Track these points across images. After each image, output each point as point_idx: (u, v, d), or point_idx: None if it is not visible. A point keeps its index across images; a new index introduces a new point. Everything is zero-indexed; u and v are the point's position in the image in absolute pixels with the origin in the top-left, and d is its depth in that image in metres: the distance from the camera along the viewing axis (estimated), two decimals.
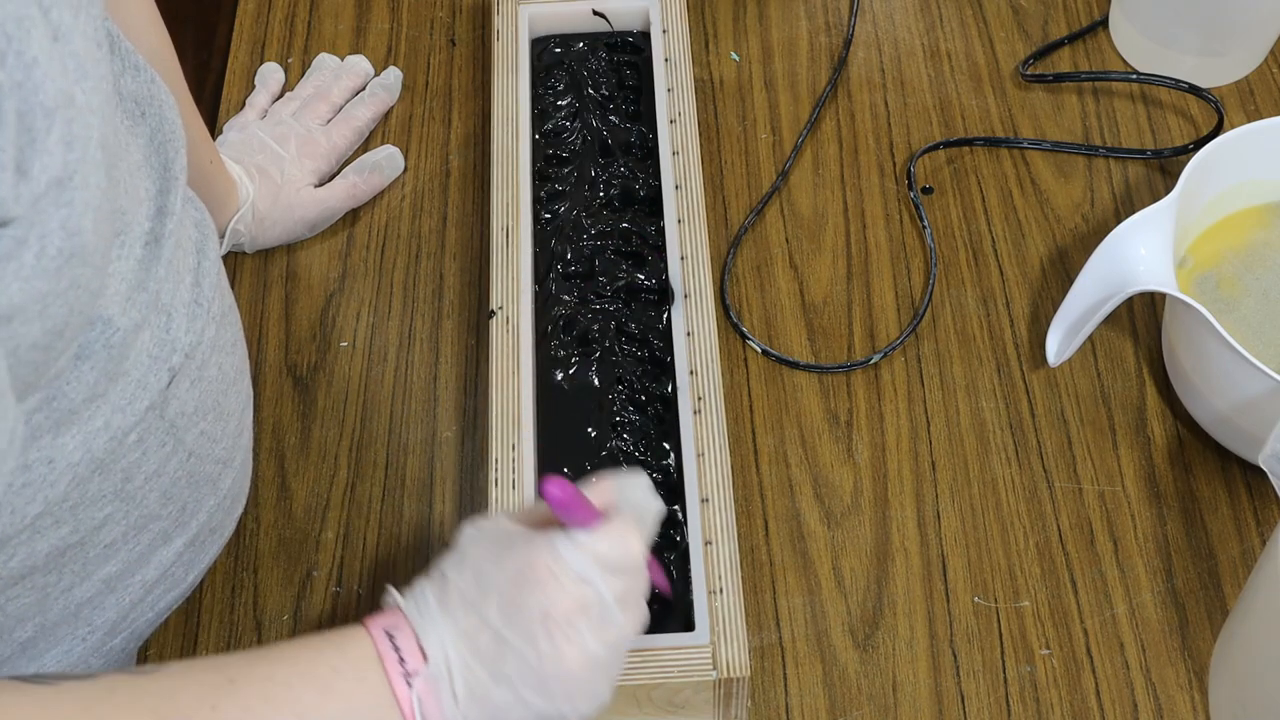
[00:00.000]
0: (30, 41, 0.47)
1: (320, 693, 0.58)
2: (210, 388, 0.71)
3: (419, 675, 0.58)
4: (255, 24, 1.11)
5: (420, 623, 0.60)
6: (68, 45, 0.50)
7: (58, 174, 0.50)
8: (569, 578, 0.60)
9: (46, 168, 0.49)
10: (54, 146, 0.49)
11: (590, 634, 0.60)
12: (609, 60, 1.01)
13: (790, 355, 0.94)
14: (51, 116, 0.49)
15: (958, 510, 0.88)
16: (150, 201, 0.65)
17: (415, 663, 0.59)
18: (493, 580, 0.60)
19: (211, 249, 0.72)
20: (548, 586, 0.59)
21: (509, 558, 0.60)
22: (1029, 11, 1.11)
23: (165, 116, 0.68)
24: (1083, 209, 1.00)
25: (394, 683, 0.58)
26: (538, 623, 0.59)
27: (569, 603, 0.60)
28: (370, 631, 0.60)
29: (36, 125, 0.48)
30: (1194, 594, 0.84)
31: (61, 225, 0.51)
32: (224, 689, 0.56)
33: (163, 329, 0.66)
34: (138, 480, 0.67)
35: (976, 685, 0.82)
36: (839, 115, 1.05)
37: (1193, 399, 0.89)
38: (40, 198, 0.49)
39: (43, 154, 0.48)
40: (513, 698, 0.59)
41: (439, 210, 1.01)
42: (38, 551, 0.64)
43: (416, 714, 0.58)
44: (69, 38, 0.51)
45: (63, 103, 0.49)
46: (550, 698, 0.60)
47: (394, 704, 0.58)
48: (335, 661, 0.58)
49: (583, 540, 0.60)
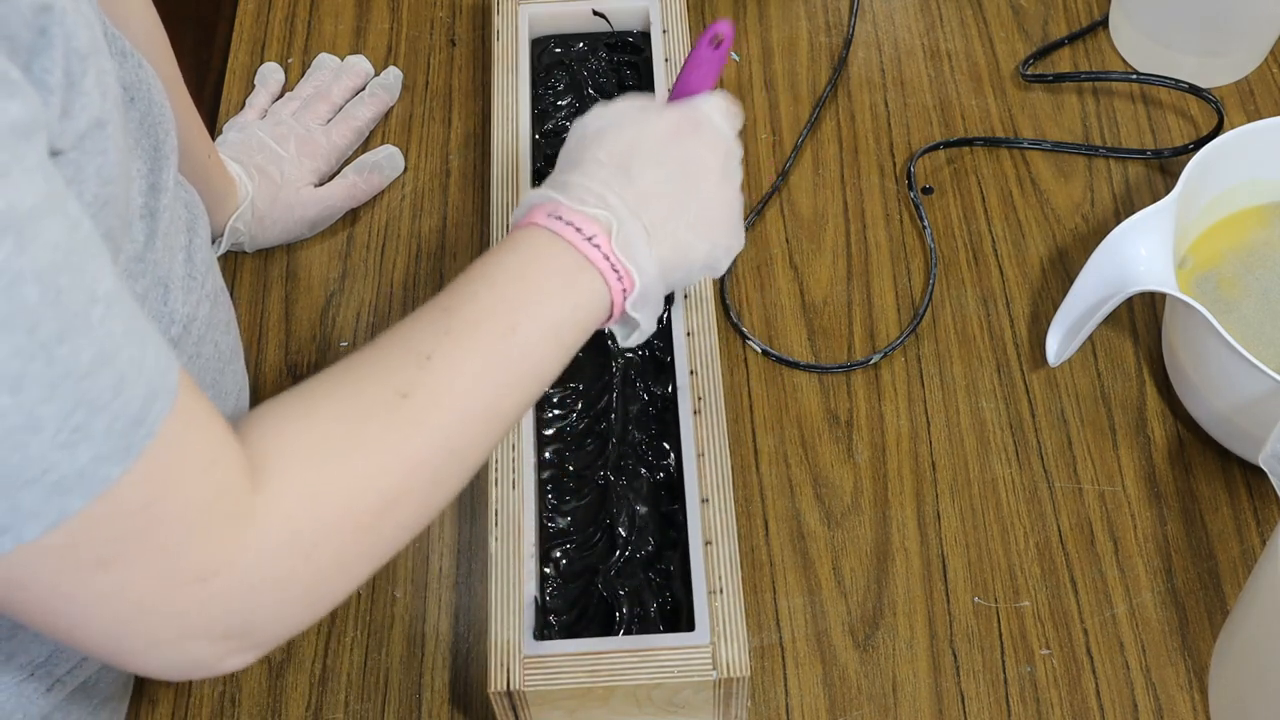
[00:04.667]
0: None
1: (522, 282, 0.63)
2: (208, 365, 0.71)
3: (603, 238, 0.64)
4: (255, 24, 1.11)
5: (587, 196, 0.65)
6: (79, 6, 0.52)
7: (96, 115, 0.52)
8: (716, 131, 0.69)
9: (85, 109, 0.51)
10: (90, 89, 0.52)
11: (734, 179, 0.70)
12: (609, 60, 1.01)
13: (790, 355, 0.94)
14: (85, 61, 0.51)
15: (958, 510, 0.88)
16: (143, 179, 0.66)
17: (592, 228, 0.64)
18: (648, 143, 0.67)
19: (202, 228, 0.73)
20: (703, 139, 0.69)
21: (659, 121, 0.68)
22: (1029, 11, 1.11)
23: (154, 100, 0.69)
24: (1083, 209, 1.00)
25: (583, 249, 0.64)
26: (703, 170, 0.68)
27: (721, 152, 0.69)
28: (536, 223, 0.65)
29: (74, 67, 0.50)
30: (1194, 594, 0.84)
31: (97, 172, 0.53)
32: (444, 317, 0.61)
33: (160, 301, 0.67)
34: None
35: (976, 685, 0.82)
36: (839, 115, 1.05)
37: (1193, 399, 0.89)
38: (83, 137, 0.52)
39: (81, 95, 0.51)
40: (694, 237, 0.68)
41: (439, 210, 1.01)
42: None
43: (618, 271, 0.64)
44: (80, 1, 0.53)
45: (91, 50, 0.52)
46: (718, 235, 0.69)
47: (589, 267, 0.64)
48: (522, 258, 0.64)
49: (717, 100, 0.70)
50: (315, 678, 0.83)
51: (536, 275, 0.63)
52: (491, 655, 0.74)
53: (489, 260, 0.64)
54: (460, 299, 0.62)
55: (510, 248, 0.64)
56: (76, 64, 0.50)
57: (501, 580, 0.76)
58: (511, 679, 0.73)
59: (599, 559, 0.80)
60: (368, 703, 0.82)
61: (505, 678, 0.73)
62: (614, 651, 0.74)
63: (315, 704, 0.82)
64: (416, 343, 0.60)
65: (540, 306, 0.63)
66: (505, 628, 0.75)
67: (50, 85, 0.49)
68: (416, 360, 0.59)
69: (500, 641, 0.74)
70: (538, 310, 0.62)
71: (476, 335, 0.60)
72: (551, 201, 0.65)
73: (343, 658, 0.84)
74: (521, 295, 0.62)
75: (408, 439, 0.57)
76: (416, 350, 0.59)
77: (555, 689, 0.73)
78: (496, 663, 0.74)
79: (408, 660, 0.83)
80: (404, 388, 0.58)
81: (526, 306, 0.62)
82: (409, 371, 0.58)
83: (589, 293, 0.64)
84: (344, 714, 0.82)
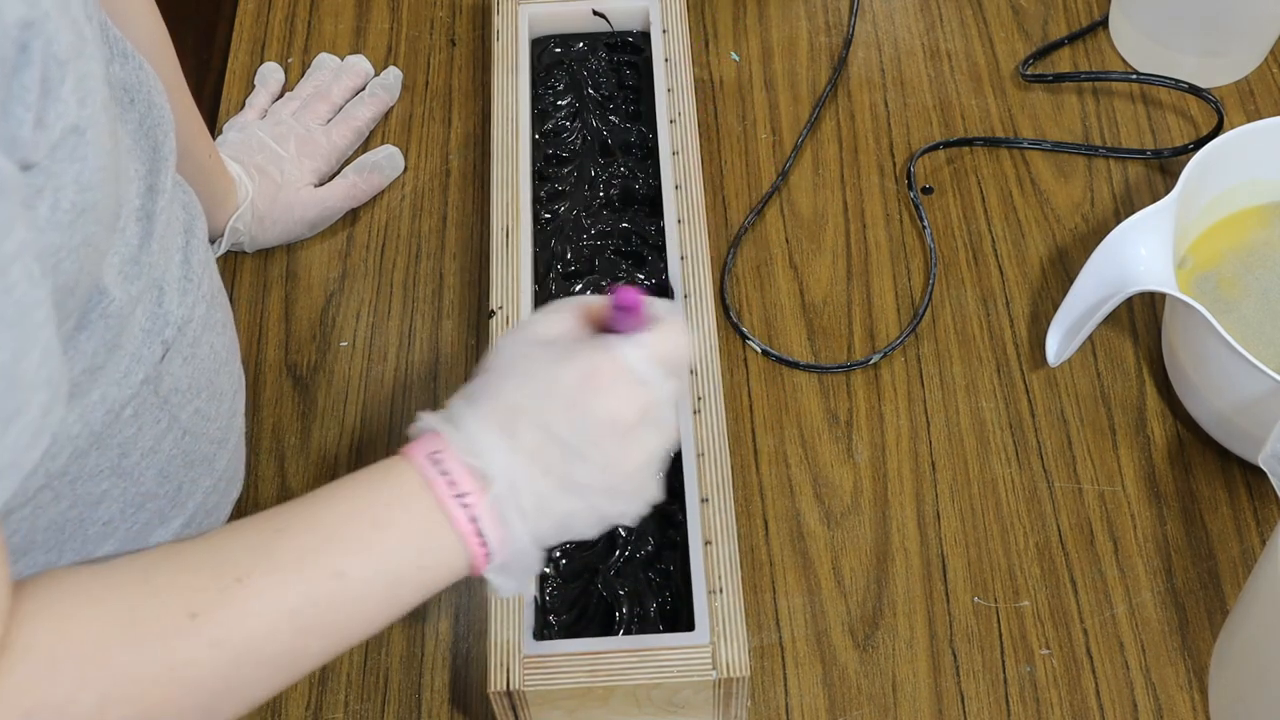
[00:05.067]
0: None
1: (371, 526, 0.57)
2: (203, 365, 0.71)
3: (474, 495, 0.57)
4: (255, 24, 1.11)
5: (472, 447, 0.58)
6: (68, 10, 0.52)
7: (72, 124, 0.51)
8: (635, 382, 0.60)
9: (61, 116, 0.50)
10: (67, 96, 0.50)
11: (653, 436, 0.61)
12: (609, 60, 1.01)
13: (790, 355, 0.94)
14: (64, 68, 0.50)
15: (958, 510, 0.88)
16: (140, 180, 0.66)
17: (467, 484, 0.57)
18: (556, 391, 0.59)
19: (199, 230, 0.73)
20: (616, 392, 0.59)
21: (570, 366, 0.59)
22: (1029, 11, 1.11)
23: (154, 102, 0.69)
24: (1083, 209, 1.00)
25: (448, 508, 0.57)
26: (608, 429, 0.59)
27: (636, 407, 0.60)
28: (411, 460, 0.58)
29: (51, 74, 0.49)
30: (1194, 594, 0.84)
31: (75, 179, 0.52)
32: (275, 539, 0.56)
33: (155, 302, 0.67)
34: (134, 456, 0.67)
35: (976, 685, 0.82)
36: (839, 115, 1.05)
37: (1193, 399, 0.89)
38: (56, 147, 0.50)
39: (57, 103, 0.50)
40: (581, 505, 0.60)
41: (439, 210, 1.01)
42: (38, 527, 0.64)
43: (483, 536, 0.57)
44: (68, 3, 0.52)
45: (73, 56, 0.51)
46: (616, 500, 0.61)
47: (449, 528, 0.57)
48: (381, 496, 0.58)
49: (645, 342, 0.60)
50: (315, 678, 0.83)
51: (387, 519, 0.57)
52: (491, 655, 0.74)
53: (344, 485, 0.58)
54: (297, 523, 0.56)
55: (373, 479, 0.58)
56: (55, 71, 0.49)
57: None
58: (511, 679, 0.73)
59: (599, 559, 0.80)
60: (368, 703, 0.82)
61: (505, 678, 0.73)
62: (614, 651, 0.74)
63: (315, 704, 0.82)
64: (234, 560, 0.55)
65: (382, 555, 0.57)
66: (505, 628, 0.75)
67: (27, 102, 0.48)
68: (222, 582, 0.54)
69: (500, 641, 0.74)
70: (378, 558, 0.56)
71: (298, 568, 0.55)
72: (438, 437, 0.58)
73: (343, 658, 0.83)
74: (365, 538, 0.56)
75: (180, 665, 0.53)
76: (229, 568, 0.54)
77: (555, 689, 0.73)
78: (496, 663, 0.74)
79: (408, 660, 0.83)
80: (197, 608, 0.53)
81: (365, 551, 0.56)
82: (209, 593, 0.53)
83: (445, 553, 0.57)
84: (344, 714, 0.82)
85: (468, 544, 0.57)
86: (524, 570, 0.60)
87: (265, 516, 0.57)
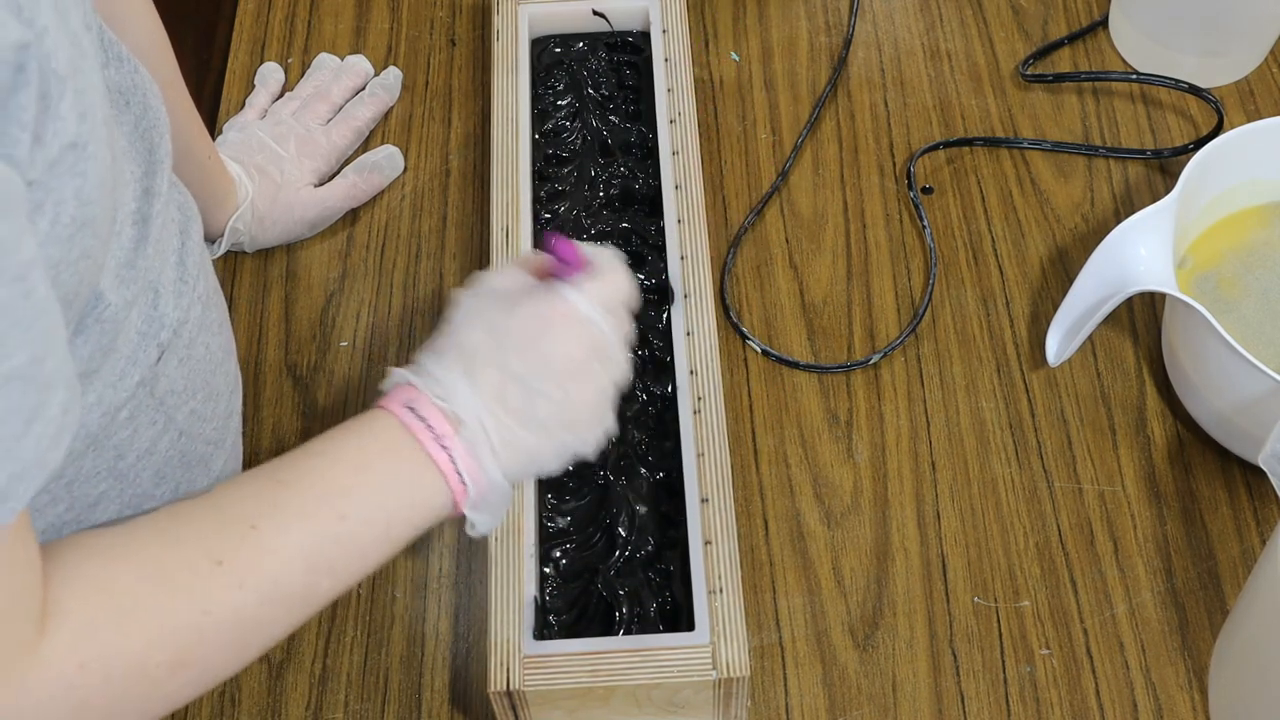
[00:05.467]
0: (40, 10, 0.49)
1: (361, 471, 0.61)
2: (199, 367, 0.71)
3: (449, 438, 0.62)
4: (255, 24, 1.11)
5: (442, 392, 0.62)
6: (67, 22, 0.52)
7: (71, 140, 0.51)
8: (581, 321, 0.65)
9: (59, 134, 0.51)
10: (66, 113, 0.51)
11: (602, 369, 0.66)
12: (609, 60, 1.01)
13: (790, 355, 0.94)
14: (64, 84, 0.50)
15: (958, 510, 0.88)
16: (136, 183, 0.66)
17: (443, 427, 0.62)
18: (511, 335, 0.64)
19: (195, 231, 0.73)
20: (565, 332, 0.65)
21: (521, 311, 0.65)
22: (1029, 11, 1.11)
23: (149, 105, 0.69)
24: (1083, 209, 1.00)
25: (430, 450, 0.61)
26: (562, 365, 0.64)
27: (585, 344, 0.65)
28: (390, 410, 0.63)
29: (50, 92, 0.50)
30: (1194, 594, 0.84)
31: (75, 194, 0.53)
32: (277, 489, 0.60)
33: (150, 305, 0.67)
34: (130, 458, 0.67)
35: (976, 685, 0.82)
36: (839, 115, 1.05)
37: (1193, 399, 0.89)
38: (55, 163, 0.51)
39: (55, 120, 0.50)
40: (545, 439, 0.64)
41: (439, 210, 1.01)
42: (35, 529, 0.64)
43: (460, 474, 0.62)
44: (67, 15, 0.52)
45: (71, 72, 0.51)
46: (576, 431, 0.65)
47: (432, 468, 0.62)
48: (368, 445, 0.62)
49: (586, 286, 0.66)
50: (315, 677, 0.83)
51: (378, 466, 0.62)
52: (491, 655, 0.74)
53: (335, 438, 0.62)
54: (296, 474, 0.61)
55: (359, 430, 0.63)
56: (54, 87, 0.50)
57: (501, 580, 0.76)
58: (511, 679, 0.73)
59: (599, 559, 0.80)
60: (368, 703, 0.82)
61: (505, 678, 0.73)
62: (614, 651, 0.74)
63: (315, 704, 0.82)
64: (243, 510, 0.59)
65: (376, 498, 0.61)
66: (505, 627, 0.75)
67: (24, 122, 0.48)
68: (239, 529, 0.58)
69: (500, 641, 0.74)
70: (372, 501, 0.61)
71: (304, 515, 0.59)
72: (410, 388, 0.63)
73: (343, 657, 0.84)
74: (359, 484, 0.61)
75: (211, 606, 0.56)
76: (242, 517, 0.58)
77: (555, 689, 0.73)
78: (496, 663, 0.74)
79: (408, 660, 0.83)
80: (220, 554, 0.57)
81: (361, 495, 0.61)
82: (228, 539, 0.57)
83: (429, 492, 0.62)
84: (344, 714, 0.82)
85: (449, 482, 0.62)
86: (498, 505, 0.64)
87: (265, 470, 0.61)
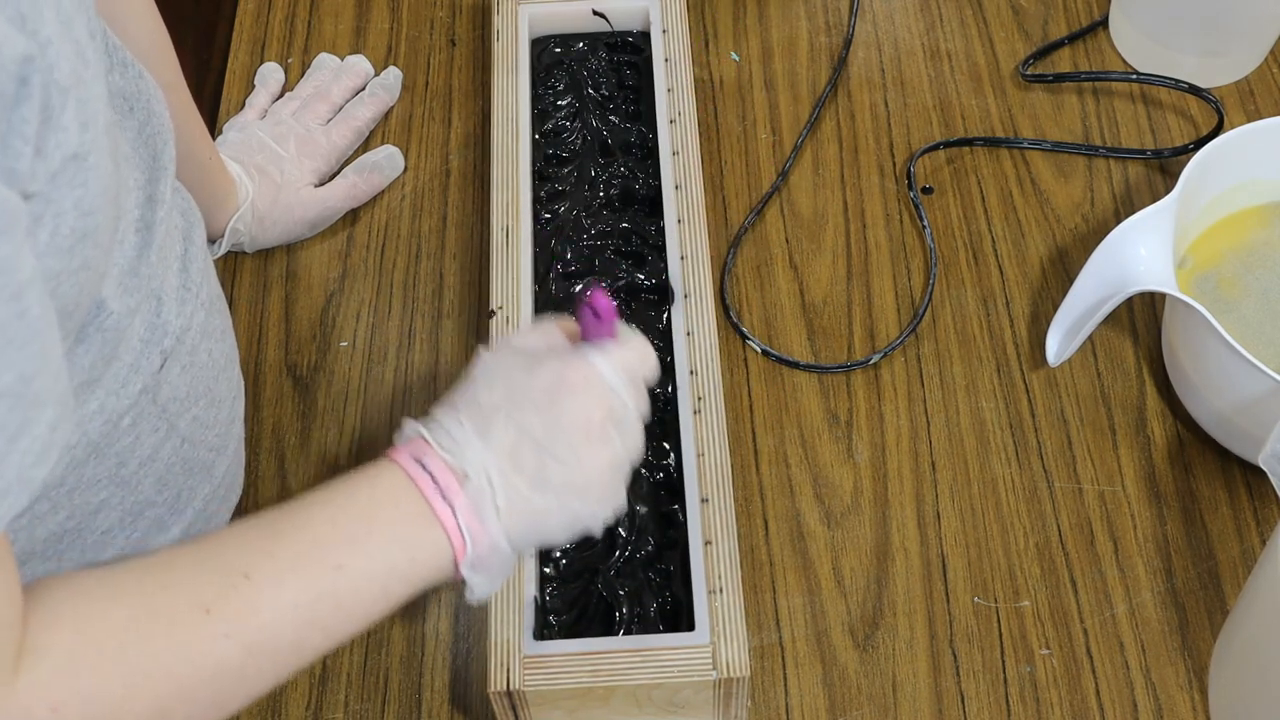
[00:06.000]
0: (44, 21, 0.49)
1: (364, 523, 0.59)
2: (201, 373, 0.71)
3: (454, 493, 0.60)
4: (255, 24, 1.11)
5: (452, 447, 0.61)
6: (71, 31, 0.52)
7: (73, 151, 0.51)
8: (602, 387, 0.63)
9: (61, 145, 0.50)
10: (69, 124, 0.51)
11: (619, 440, 0.64)
12: (609, 60, 1.01)
13: (790, 355, 0.94)
14: (66, 95, 0.50)
15: (958, 510, 0.88)
16: (140, 190, 0.66)
17: (448, 481, 0.60)
18: (529, 394, 0.62)
19: (198, 236, 0.73)
20: (585, 395, 0.63)
21: (542, 371, 0.63)
22: (1029, 11, 1.11)
23: (153, 110, 0.69)
24: (1083, 209, 1.00)
25: (433, 504, 0.60)
26: (579, 429, 0.62)
27: (604, 410, 0.63)
28: (397, 461, 0.61)
29: (53, 103, 0.50)
30: (1194, 594, 0.84)
31: (75, 205, 0.52)
32: (274, 539, 0.58)
33: (153, 313, 0.67)
34: (132, 465, 0.67)
35: (976, 685, 0.82)
36: (839, 115, 1.05)
37: (1193, 399, 0.89)
38: (56, 175, 0.51)
39: (57, 131, 0.50)
40: (554, 504, 0.62)
41: (439, 210, 1.01)
42: (36, 537, 0.64)
43: (462, 531, 0.60)
44: (71, 24, 0.52)
45: (75, 83, 0.51)
46: (587, 500, 0.63)
47: (435, 523, 0.60)
48: (370, 494, 0.60)
49: (612, 352, 0.64)
50: (315, 677, 0.83)
51: (381, 518, 0.60)
52: (491, 655, 0.74)
53: (337, 487, 0.61)
54: (295, 523, 0.59)
55: (363, 480, 0.61)
56: (56, 99, 0.50)
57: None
58: (511, 679, 0.73)
59: (599, 559, 0.80)
60: (368, 703, 0.82)
61: (505, 678, 0.73)
62: (614, 651, 0.74)
63: (315, 704, 0.82)
64: (237, 558, 0.57)
65: (375, 551, 0.59)
66: (505, 628, 0.75)
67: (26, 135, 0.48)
68: (231, 578, 0.56)
69: (500, 641, 0.74)
70: (372, 554, 0.59)
71: (299, 566, 0.58)
72: (420, 440, 0.62)
73: (343, 657, 0.83)
74: (359, 535, 0.59)
75: (196, 656, 0.55)
76: (234, 566, 0.56)
77: (555, 689, 0.73)
78: (496, 663, 0.74)
79: (408, 660, 0.83)
80: (209, 603, 0.55)
81: (360, 547, 0.59)
82: (219, 587, 0.56)
83: (429, 547, 0.60)
84: (344, 714, 0.82)
85: (451, 538, 0.60)
86: (498, 568, 0.62)
87: (265, 517, 0.59)
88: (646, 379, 0.66)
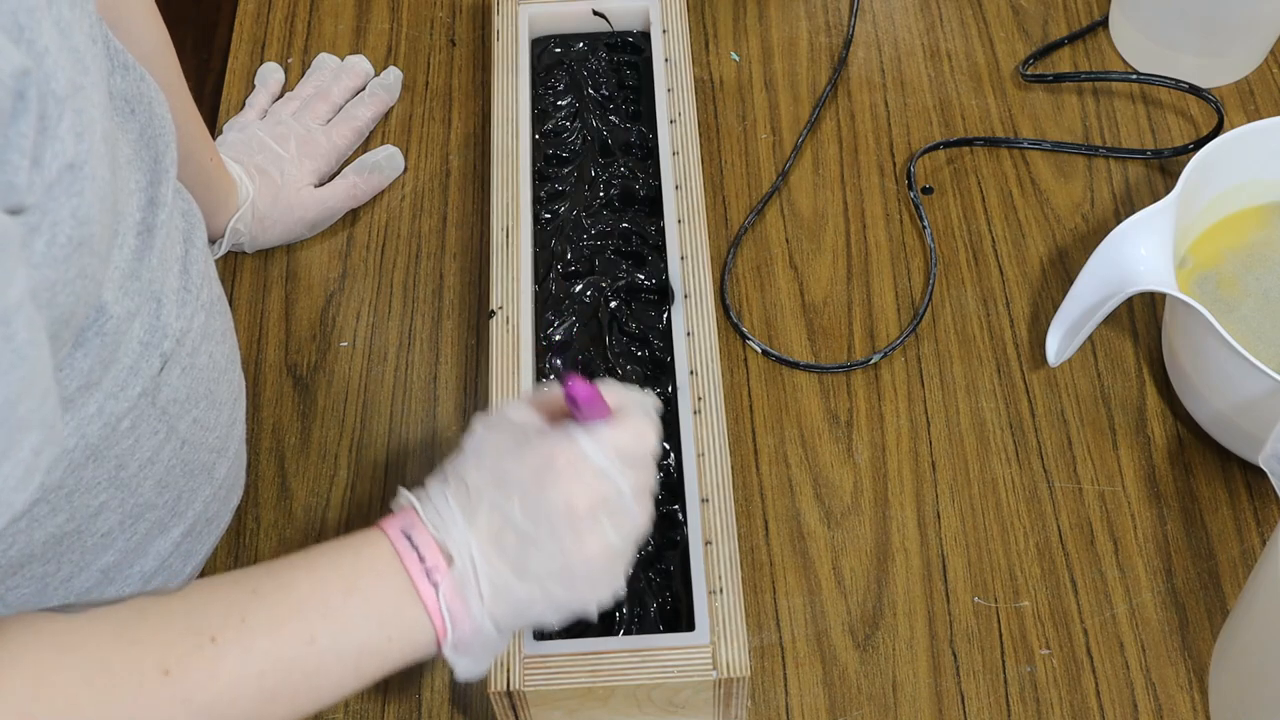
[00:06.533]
0: (41, 31, 0.49)
1: (343, 594, 0.58)
2: (201, 375, 0.71)
3: (440, 573, 0.59)
4: (255, 24, 1.11)
5: (440, 524, 0.60)
6: (69, 39, 0.51)
7: (69, 161, 0.51)
8: (591, 471, 0.60)
9: (58, 155, 0.50)
10: (65, 134, 0.50)
11: (610, 526, 0.61)
12: (609, 60, 1.01)
13: (790, 355, 0.94)
14: (62, 105, 0.50)
15: (958, 510, 0.88)
16: (141, 193, 0.66)
17: (435, 560, 0.59)
18: (514, 477, 0.60)
19: (199, 238, 0.73)
20: (571, 481, 0.60)
21: (529, 454, 0.61)
22: (1029, 11, 1.11)
23: (155, 113, 0.68)
24: (1083, 209, 1.00)
25: (417, 582, 0.58)
26: (562, 517, 0.60)
27: (591, 496, 0.60)
28: (386, 533, 0.60)
29: (49, 113, 0.49)
30: (1194, 594, 0.84)
31: (72, 214, 0.52)
32: (250, 600, 0.57)
33: (153, 315, 0.66)
34: (132, 468, 0.67)
35: (976, 685, 0.82)
36: (839, 115, 1.05)
37: (1193, 399, 0.89)
38: (52, 185, 0.50)
39: (54, 141, 0.50)
40: (538, 592, 0.60)
41: (439, 210, 1.01)
42: (35, 540, 0.64)
43: (444, 613, 0.58)
44: (70, 31, 0.52)
45: (71, 92, 0.50)
46: (573, 589, 0.61)
47: (417, 601, 0.58)
48: (355, 564, 0.59)
49: (603, 434, 0.61)
50: None
51: (362, 591, 0.58)
52: None
53: (322, 551, 0.59)
54: (274, 584, 0.57)
55: (349, 548, 0.59)
56: (53, 109, 0.49)
57: None
58: (511, 679, 0.73)
59: None
60: (368, 703, 0.82)
61: (505, 678, 0.73)
62: (614, 651, 0.74)
63: None
64: (207, 618, 0.55)
65: (351, 625, 0.57)
66: None
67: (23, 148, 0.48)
68: (198, 639, 0.55)
69: None
70: (349, 629, 0.57)
71: (271, 633, 0.56)
72: (411, 512, 0.60)
73: None
74: (336, 606, 0.57)
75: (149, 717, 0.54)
76: (203, 627, 0.55)
77: (555, 689, 0.73)
78: (496, 662, 0.74)
79: None
80: (170, 664, 0.54)
81: (336, 618, 0.57)
82: (184, 649, 0.54)
83: (408, 626, 0.59)
84: (344, 714, 0.82)
85: (433, 619, 0.59)
86: (483, 651, 0.60)
87: (242, 575, 0.58)
88: (649, 455, 0.63)
